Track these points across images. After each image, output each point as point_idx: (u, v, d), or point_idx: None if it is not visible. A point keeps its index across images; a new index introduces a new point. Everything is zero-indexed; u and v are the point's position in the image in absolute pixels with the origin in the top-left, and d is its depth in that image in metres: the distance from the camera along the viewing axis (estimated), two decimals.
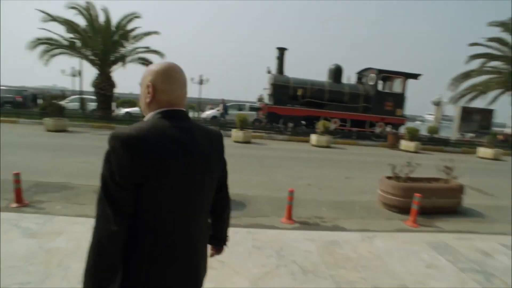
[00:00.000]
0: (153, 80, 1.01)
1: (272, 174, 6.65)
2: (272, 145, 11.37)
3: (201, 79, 25.23)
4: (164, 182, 0.94)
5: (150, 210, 0.95)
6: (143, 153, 0.90)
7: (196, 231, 1.07)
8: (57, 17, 12.21)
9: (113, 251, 0.91)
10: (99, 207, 0.90)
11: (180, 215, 1.01)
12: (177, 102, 1.05)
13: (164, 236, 0.98)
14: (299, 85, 14.25)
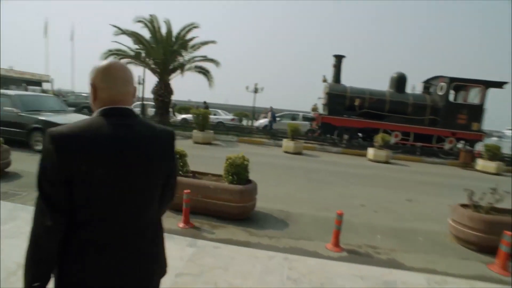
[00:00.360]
0: (93, 79, 1.06)
1: (321, 190, 6.07)
2: (324, 157, 10.68)
3: (256, 87, 25.47)
4: (94, 180, 0.96)
5: (81, 206, 0.97)
6: (70, 151, 0.93)
7: (133, 229, 1.07)
8: (126, 31, 13.29)
9: (49, 246, 0.95)
10: (37, 203, 0.96)
11: (113, 212, 1.02)
12: (118, 100, 1.07)
13: (95, 232, 1.00)
14: (356, 94, 13.31)
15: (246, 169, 4.28)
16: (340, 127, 13.42)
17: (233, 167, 4.18)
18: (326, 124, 13.53)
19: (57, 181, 0.93)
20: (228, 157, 4.27)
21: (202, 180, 4.33)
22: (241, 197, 4.09)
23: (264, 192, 5.45)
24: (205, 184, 4.22)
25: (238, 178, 4.20)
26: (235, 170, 4.18)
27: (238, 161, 4.20)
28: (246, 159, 4.32)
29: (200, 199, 4.21)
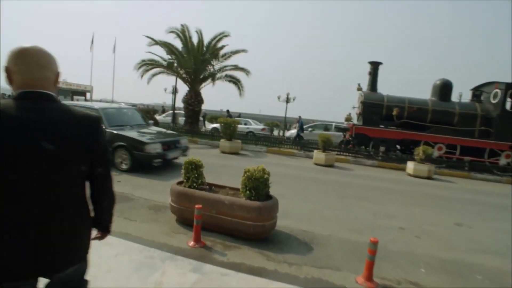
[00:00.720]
0: (8, 62, 1.08)
1: (353, 208, 5.42)
2: (358, 171, 9.88)
3: (288, 97, 25.06)
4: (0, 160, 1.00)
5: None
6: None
7: (44, 211, 1.09)
8: (159, 41, 13.60)
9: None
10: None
11: (20, 193, 1.05)
12: (33, 84, 1.09)
13: (5, 212, 1.04)
14: (394, 103, 12.33)
15: (266, 183, 3.83)
16: (375, 138, 12.48)
17: (251, 181, 3.75)
18: (361, 135, 12.65)
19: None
20: (246, 170, 3.86)
21: (217, 194, 3.95)
22: (259, 215, 3.64)
23: (288, 208, 4.96)
24: (219, 199, 3.83)
25: (257, 193, 3.75)
26: (253, 185, 3.75)
27: (257, 174, 3.76)
28: (266, 172, 3.87)
29: (214, 215, 3.83)
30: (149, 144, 6.53)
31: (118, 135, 6.74)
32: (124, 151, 6.62)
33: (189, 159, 4.30)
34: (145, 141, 6.60)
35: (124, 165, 6.67)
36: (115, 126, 7.00)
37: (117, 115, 7.62)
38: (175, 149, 7.43)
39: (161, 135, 7.67)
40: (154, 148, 6.63)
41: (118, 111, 7.97)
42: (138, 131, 7.23)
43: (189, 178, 4.20)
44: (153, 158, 6.56)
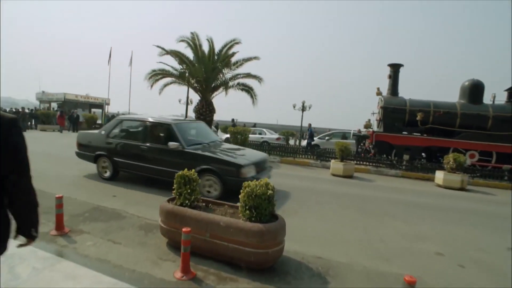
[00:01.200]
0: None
1: (377, 227, 4.62)
2: (380, 182, 8.98)
3: (303, 105, 24.33)
4: None
5: None
6: None
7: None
8: (169, 51, 13.35)
9: None
10: None
11: None
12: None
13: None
14: (418, 107, 11.38)
15: (270, 200, 3.16)
16: (398, 146, 11.52)
17: (252, 198, 3.09)
18: (382, 142, 11.74)
19: None
20: (246, 185, 3.21)
21: (211, 214, 3.30)
22: (261, 240, 2.96)
23: (300, 228, 4.25)
24: (213, 220, 3.18)
25: (258, 213, 3.08)
26: (254, 203, 3.08)
27: (259, 190, 3.10)
28: (270, 186, 3.21)
29: (208, 239, 3.19)
30: (245, 167, 5.33)
31: (205, 156, 5.57)
32: (212, 176, 5.39)
33: (181, 172, 3.70)
34: (241, 163, 5.36)
35: (212, 192, 5.41)
36: (193, 145, 5.91)
37: (191, 131, 6.71)
38: (265, 170, 6.26)
39: (248, 154, 6.33)
40: (249, 172, 5.45)
41: (190, 125, 6.89)
42: (224, 151, 6.10)
43: (181, 194, 3.60)
44: None
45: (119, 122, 6.80)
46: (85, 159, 6.92)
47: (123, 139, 6.48)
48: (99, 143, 6.62)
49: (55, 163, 8.46)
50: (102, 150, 6.52)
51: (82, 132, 7.55)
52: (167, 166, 5.72)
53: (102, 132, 6.75)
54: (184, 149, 5.71)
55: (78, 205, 4.85)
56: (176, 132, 5.93)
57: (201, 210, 3.52)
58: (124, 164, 6.29)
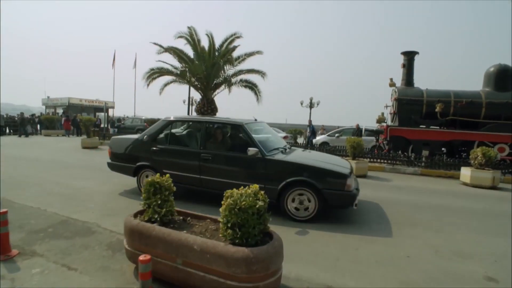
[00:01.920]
0: None
1: (401, 240, 3.74)
2: (397, 181, 8.04)
3: (311, 102, 23.40)
4: None
5: None
6: None
7: None
8: (167, 47, 12.67)
9: None
10: None
11: None
12: None
13: None
14: (437, 98, 10.35)
15: (261, 215, 2.35)
16: (416, 141, 10.52)
17: (235, 213, 2.28)
18: (397, 137, 10.75)
19: None
20: (228, 194, 2.40)
21: (183, 234, 2.49)
22: (247, 271, 2.15)
23: (306, 243, 3.42)
24: (186, 242, 2.39)
25: (245, 233, 2.27)
26: (238, 219, 2.27)
27: (245, 201, 2.29)
28: (261, 196, 2.40)
29: (180, 267, 2.40)
30: (350, 178, 4.18)
31: (296, 165, 4.34)
32: (305, 191, 4.21)
33: (151, 178, 2.93)
34: (344, 172, 4.22)
35: (301, 211, 4.27)
36: (272, 151, 4.71)
37: (260, 133, 5.37)
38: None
39: (334, 160, 5.12)
40: (353, 183, 4.30)
41: (257, 126, 5.45)
42: (310, 158, 4.83)
43: (150, 206, 2.82)
44: (354, 199, 4.14)
45: (167, 124, 5.36)
46: (122, 172, 5.62)
47: (175, 146, 5.18)
48: (141, 152, 5.34)
49: (41, 168, 7.83)
50: (146, 160, 5.25)
51: (116, 137, 6.01)
52: (241, 179, 4.47)
53: (144, 137, 5.40)
54: (265, 157, 4.44)
55: (44, 219, 4.14)
56: (250, 134, 4.68)
57: (175, 227, 2.74)
58: (177, 177, 4.68)
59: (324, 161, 4.69)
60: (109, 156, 5.84)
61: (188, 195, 5.43)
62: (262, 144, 4.66)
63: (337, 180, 4.17)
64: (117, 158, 5.70)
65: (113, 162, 5.75)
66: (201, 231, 2.68)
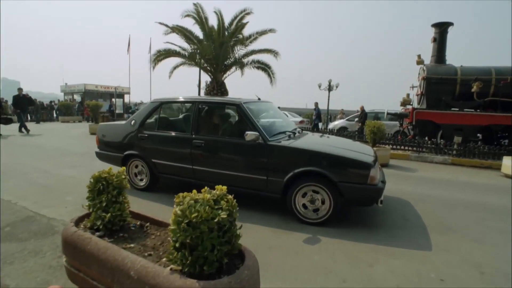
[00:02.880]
0: None
1: (431, 254, 2.90)
2: (424, 171, 7.05)
3: (330, 85, 22.07)
4: None
5: None
6: None
7: None
8: (173, 27, 11.93)
9: None
10: None
11: None
12: None
13: None
14: (474, 75, 9.02)
15: (226, 231, 1.61)
16: (446, 126, 9.31)
17: (184, 229, 1.55)
18: (424, 122, 9.58)
19: None
20: (179, 200, 1.66)
21: (123, 252, 1.80)
22: None
23: (307, 254, 2.66)
24: (123, 265, 1.70)
25: (198, 257, 1.55)
26: (188, 237, 1.54)
27: (197, 212, 1.54)
28: (225, 204, 1.65)
29: None
30: (374, 167, 3.37)
31: (305, 152, 3.53)
32: (315, 185, 3.41)
33: (98, 172, 2.26)
34: (368, 161, 3.39)
35: (309, 210, 3.50)
36: (275, 135, 3.88)
37: (263, 115, 4.67)
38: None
39: (352, 145, 4.26)
40: (378, 174, 3.47)
41: (260, 107, 4.66)
42: (324, 143, 4.11)
43: (95, 209, 2.16)
44: (379, 194, 3.31)
45: (156, 106, 4.63)
46: (110, 162, 4.92)
47: (164, 131, 4.46)
48: (128, 139, 4.70)
49: (39, 156, 7.47)
50: (134, 149, 4.63)
51: (104, 124, 5.37)
52: (239, 169, 3.77)
53: (132, 122, 4.75)
54: (267, 142, 3.63)
55: (9, 214, 3.63)
56: (249, 115, 3.88)
57: (124, 237, 2.08)
58: (168, 168, 4.32)
59: (342, 147, 3.84)
60: (97, 145, 5.29)
61: (184, 188, 4.80)
62: (265, 127, 3.86)
63: (358, 170, 3.31)
64: (105, 146, 5.10)
65: (101, 151, 5.16)
66: (154, 245, 1.99)
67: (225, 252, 1.62)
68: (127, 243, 2.03)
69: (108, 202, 2.15)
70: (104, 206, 2.13)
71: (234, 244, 1.68)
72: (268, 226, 3.43)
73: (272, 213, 3.83)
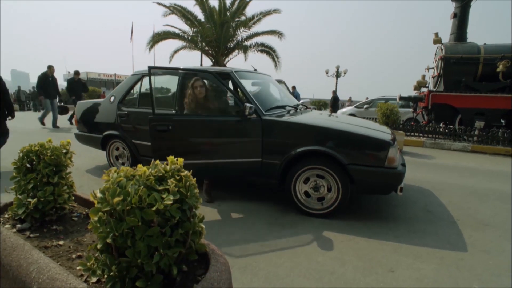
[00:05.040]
0: None
1: (466, 255, 2.30)
2: (441, 158, 6.37)
3: (337, 71, 21.18)
4: None
5: None
6: None
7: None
8: (171, 6, 11.26)
9: None
10: None
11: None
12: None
13: None
14: (500, 54, 8.18)
15: (182, 224, 1.03)
16: (466, 110, 8.51)
17: (109, 222, 0.97)
18: (441, 106, 8.79)
19: None
20: (106, 177, 1.08)
21: (36, 254, 1.23)
22: None
23: (307, 254, 2.08)
24: (26, 273, 1.14)
25: (132, 270, 0.97)
26: (114, 231, 0.96)
27: (127, 192, 0.96)
28: (181, 176, 1.07)
29: None
30: (394, 146, 2.76)
31: (309, 128, 2.92)
32: (320, 168, 2.81)
33: (27, 146, 1.70)
34: (386, 139, 2.77)
35: (316, 202, 2.92)
36: (272, 110, 3.26)
37: (265, 87, 3.96)
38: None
39: (367, 123, 3.59)
40: (397, 155, 2.80)
41: (255, 78, 4.01)
42: (332, 120, 3.47)
43: (21, 191, 1.62)
44: (399, 180, 2.71)
45: (137, 80, 4.03)
46: (89, 144, 4.52)
47: (146, 108, 3.79)
48: (107, 117, 4.15)
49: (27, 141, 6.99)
50: (113, 129, 4.07)
51: (82, 102, 4.82)
52: (228, 155, 3.04)
53: (111, 98, 4.19)
54: (263, 117, 2.99)
55: None
56: (242, 85, 3.27)
57: (56, 230, 1.53)
58: (149, 150, 3.64)
59: (353, 124, 3.22)
60: (76, 126, 4.76)
61: None
62: (259, 99, 3.22)
63: (373, 150, 2.70)
64: (84, 127, 4.59)
65: (80, 133, 4.64)
66: (92, 242, 1.43)
67: (177, 258, 1.05)
68: (56, 239, 1.47)
69: (37, 184, 1.59)
70: (30, 189, 1.58)
71: (192, 246, 1.10)
72: (262, 218, 2.86)
73: (268, 202, 3.25)
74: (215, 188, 3.50)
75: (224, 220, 2.81)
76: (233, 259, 2.09)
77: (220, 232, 2.52)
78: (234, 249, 2.24)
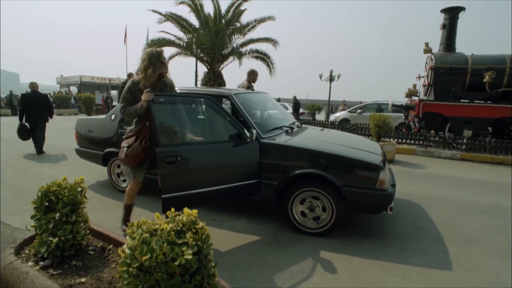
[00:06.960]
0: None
1: (452, 274, 2.48)
2: (432, 167, 6.61)
3: (331, 75, 21.44)
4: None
5: None
6: None
7: None
8: (166, 14, 11.36)
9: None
10: None
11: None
12: None
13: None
14: (487, 65, 8.48)
15: (199, 272, 1.18)
16: (455, 119, 8.81)
17: (138, 275, 1.12)
18: (432, 114, 9.08)
19: None
20: (131, 231, 1.23)
21: None
22: None
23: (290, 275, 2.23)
24: None
25: None
26: (143, 284, 1.11)
27: (154, 249, 1.11)
28: (197, 229, 1.22)
29: None
30: (384, 170, 2.89)
31: (305, 152, 3.05)
32: (316, 191, 2.97)
33: (47, 185, 1.84)
34: (376, 162, 2.92)
35: (309, 219, 3.07)
36: (270, 132, 3.37)
37: (257, 107, 4.10)
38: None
39: (357, 141, 3.86)
40: (387, 178, 2.99)
41: (253, 99, 4.11)
42: (326, 141, 3.56)
43: (40, 231, 1.74)
44: (389, 201, 2.87)
45: None
46: (90, 160, 4.65)
47: None
48: (109, 135, 4.25)
49: (20, 152, 7.04)
50: (114, 146, 4.13)
51: (83, 119, 4.95)
52: (227, 181, 3.01)
53: (112, 116, 4.31)
54: (260, 140, 3.12)
55: None
56: (242, 110, 3.35)
57: (76, 266, 1.66)
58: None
59: (346, 145, 3.38)
60: (76, 141, 4.87)
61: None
62: (258, 122, 3.37)
63: (365, 173, 2.88)
64: (85, 143, 4.69)
65: (81, 148, 4.76)
66: (112, 278, 1.57)
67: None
68: (78, 276, 1.61)
69: (57, 223, 1.72)
70: (51, 228, 1.71)
71: (207, 287, 1.26)
72: (261, 236, 3.02)
73: (266, 219, 3.41)
74: (215, 208, 3.65)
75: (225, 241, 2.94)
76: (237, 280, 2.24)
77: (223, 255, 2.66)
78: (237, 275, 2.39)
